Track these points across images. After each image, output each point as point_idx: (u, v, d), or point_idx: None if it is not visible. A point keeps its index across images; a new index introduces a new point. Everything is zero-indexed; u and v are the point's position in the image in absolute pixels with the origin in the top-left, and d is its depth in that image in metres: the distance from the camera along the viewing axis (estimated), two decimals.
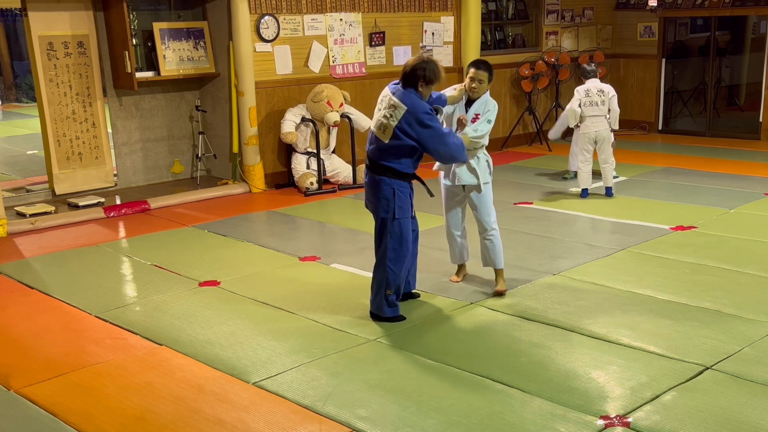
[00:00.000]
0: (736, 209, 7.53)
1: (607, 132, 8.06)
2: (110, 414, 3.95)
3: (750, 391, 3.96)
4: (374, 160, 4.88)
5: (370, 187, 4.95)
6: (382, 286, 4.95)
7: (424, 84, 4.79)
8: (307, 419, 3.83)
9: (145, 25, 8.96)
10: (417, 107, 4.73)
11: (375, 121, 4.87)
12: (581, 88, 8.06)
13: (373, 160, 4.89)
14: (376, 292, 5.00)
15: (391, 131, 4.74)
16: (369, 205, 5.04)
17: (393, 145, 4.77)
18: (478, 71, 5.21)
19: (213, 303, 5.46)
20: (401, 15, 10.13)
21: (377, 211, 4.94)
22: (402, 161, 4.83)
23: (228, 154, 9.31)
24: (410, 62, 4.80)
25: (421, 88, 4.80)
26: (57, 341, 4.90)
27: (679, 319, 4.90)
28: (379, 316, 5.01)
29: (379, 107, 4.87)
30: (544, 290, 5.49)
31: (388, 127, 4.75)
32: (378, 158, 4.85)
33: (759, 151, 10.67)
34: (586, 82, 8.12)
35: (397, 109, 4.72)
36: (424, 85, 4.80)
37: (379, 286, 4.96)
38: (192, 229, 7.49)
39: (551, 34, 12.02)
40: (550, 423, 3.71)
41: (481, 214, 5.43)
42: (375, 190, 4.90)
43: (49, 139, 8.41)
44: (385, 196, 4.85)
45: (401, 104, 4.72)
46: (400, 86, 4.83)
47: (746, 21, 13.12)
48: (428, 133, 4.75)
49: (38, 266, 6.45)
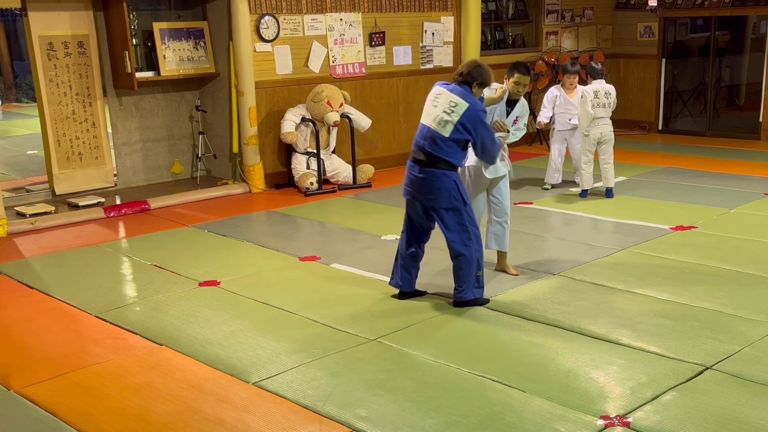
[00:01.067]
0: (736, 209, 7.53)
1: (612, 133, 8.05)
2: (110, 414, 3.95)
3: (750, 391, 3.96)
4: (431, 153, 5.08)
5: (423, 181, 5.11)
6: (473, 270, 5.18)
7: (477, 86, 5.15)
8: (307, 419, 3.83)
9: (145, 25, 8.96)
10: (477, 106, 5.09)
11: (433, 117, 5.08)
12: (589, 89, 7.90)
13: (429, 153, 5.08)
14: (465, 279, 5.19)
15: (452, 126, 5.01)
16: (419, 197, 5.18)
17: (453, 139, 5.04)
18: (523, 76, 5.70)
19: (213, 303, 5.46)
20: (401, 15, 10.13)
21: (435, 202, 5.11)
22: (457, 154, 5.13)
23: (228, 154, 9.31)
24: (467, 65, 5.19)
25: (474, 89, 5.14)
26: (57, 341, 4.90)
27: (679, 319, 4.90)
28: (471, 301, 5.23)
29: (434, 104, 5.11)
30: (544, 290, 5.49)
31: (449, 123, 5.02)
32: (436, 152, 5.06)
33: (759, 151, 10.67)
34: (592, 83, 7.96)
35: (459, 106, 5.01)
36: (477, 87, 5.16)
37: (468, 272, 5.17)
38: (192, 229, 7.49)
39: (551, 34, 12.02)
40: (550, 423, 3.71)
41: (505, 198, 5.82)
42: (433, 183, 5.08)
43: (49, 139, 8.41)
44: (447, 188, 5.08)
45: (463, 101, 5.02)
46: (453, 85, 5.12)
47: (746, 21, 13.12)
48: (484, 132, 5.10)
49: (38, 266, 6.45)
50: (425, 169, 5.09)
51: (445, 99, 5.06)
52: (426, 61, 10.48)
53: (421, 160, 5.11)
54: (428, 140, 5.07)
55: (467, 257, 5.15)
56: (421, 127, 5.15)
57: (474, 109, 5.03)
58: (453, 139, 5.02)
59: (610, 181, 8.15)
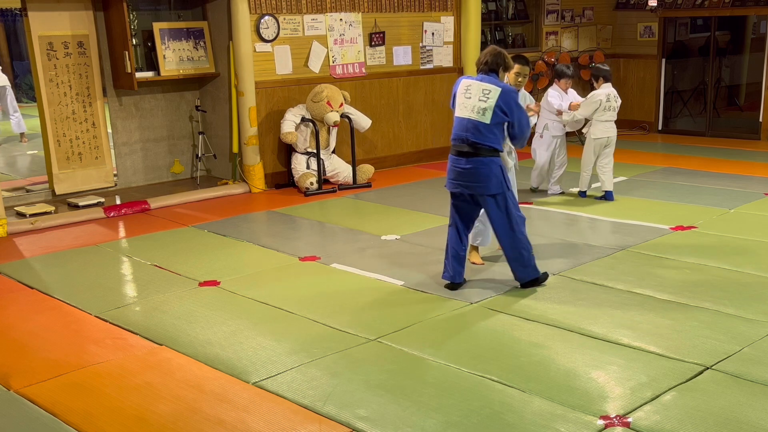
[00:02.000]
0: (736, 209, 7.53)
1: (616, 136, 8.01)
2: (110, 414, 3.95)
3: (750, 391, 3.96)
4: (476, 142, 5.28)
5: (472, 171, 5.31)
6: (525, 252, 5.45)
7: (502, 71, 5.43)
8: (307, 419, 3.83)
9: (145, 25, 8.96)
10: (509, 88, 5.37)
11: (470, 108, 5.28)
12: (601, 93, 7.79)
13: (474, 143, 5.28)
14: (526, 262, 5.47)
15: (491, 112, 5.24)
16: (468, 188, 5.36)
17: (495, 123, 5.26)
18: (524, 67, 5.98)
19: (213, 303, 5.46)
20: (401, 15, 10.13)
21: (486, 190, 5.33)
22: (500, 139, 5.35)
23: (228, 154, 9.31)
24: (489, 52, 5.38)
25: (500, 75, 5.41)
26: (57, 341, 4.90)
27: (679, 319, 4.90)
28: (534, 280, 5.51)
29: (466, 96, 5.31)
30: (544, 290, 5.49)
31: (488, 109, 5.24)
32: (481, 140, 5.27)
33: (759, 151, 10.67)
34: (604, 86, 7.84)
35: (492, 92, 5.24)
36: (502, 72, 5.44)
37: (522, 254, 5.45)
38: (192, 229, 7.49)
39: (551, 34, 12.03)
40: (550, 423, 3.71)
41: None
42: (482, 171, 5.30)
43: (49, 139, 8.41)
44: (496, 174, 5.31)
45: (495, 87, 5.26)
46: (481, 75, 5.35)
47: (746, 21, 13.12)
48: (519, 112, 5.34)
49: (38, 266, 6.45)
50: (472, 159, 5.29)
51: (476, 88, 5.27)
52: (426, 61, 10.48)
53: (466, 151, 5.31)
54: (471, 131, 5.28)
55: (518, 239, 5.41)
56: (459, 121, 5.34)
57: (507, 91, 5.28)
58: (495, 123, 5.24)
59: (609, 184, 8.04)
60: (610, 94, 7.84)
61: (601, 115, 7.83)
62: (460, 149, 5.34)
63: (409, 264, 6.14)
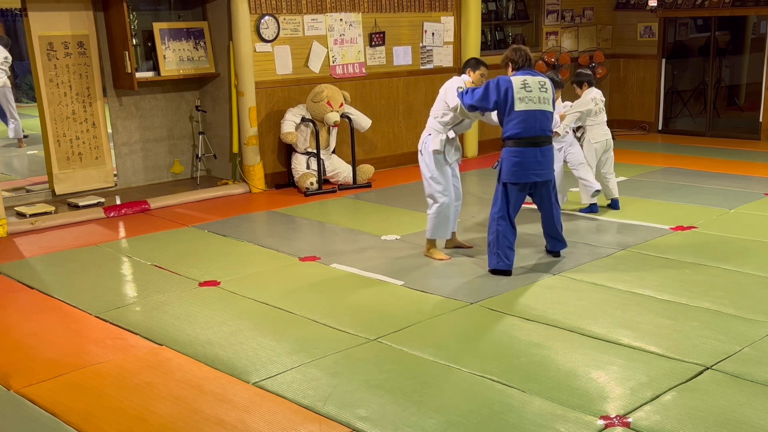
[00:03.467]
0: (736, 209, 7.53)
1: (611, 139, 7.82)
2: (110, 414, 3.95)
3: (750, 391, 3.96)
4: (549, 132, 5.75)
5: (549, 160, 5.77)
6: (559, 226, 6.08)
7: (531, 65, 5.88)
8: (307, 419, 3.83)
9: (145, 25, 8.96)
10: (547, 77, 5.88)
11: (536, 100, 5.63)
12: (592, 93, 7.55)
13: (545, 132, 5.71)
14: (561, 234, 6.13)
15: (551, 100, 5.74)
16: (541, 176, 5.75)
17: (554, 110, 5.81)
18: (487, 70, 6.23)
19: (213, 303, 5.46)
20: (401, 15, 10.13)
21: (552, 175, 5.86)
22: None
23: (228, 154, 9.31)
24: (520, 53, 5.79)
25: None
26: (57, 341, 4.90)
27: (679, 319, 4.90)
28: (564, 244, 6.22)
29: (527, 90, 5.62)
30: (544, 290, 5.49)
31: (548, 100, 5.71)
32: (550, 129, 5.77)
33: (759, 151, 10.67)
34: (589, 90, 7.57)
35: (546, 83, 5.72)
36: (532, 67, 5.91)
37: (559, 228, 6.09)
38: (192, 229, 7.49)
39: (551, 34, 12.03)
40: (550, 423, 3.70)
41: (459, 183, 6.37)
42: (551, 158, 5.81)
43: (49, 139, 8.41)
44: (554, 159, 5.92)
45: (545, 78, 5.78)
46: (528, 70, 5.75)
47: (746, 21, 13.11)
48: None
49: (38, 266, 6.45)
50: (546, 148, 5.71)
51: (533, 82, 5.65)
52: (426, 61, 10.48)
53: (541, 141, 5.67)
54: (545, 122, 5.69)
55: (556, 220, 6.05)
56: (528, 114, 5.61)
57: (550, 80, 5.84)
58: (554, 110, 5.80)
59: (615, 191, 7.75)
60: (595, 97, 7.55)
61: (595, 118, 7.58)
62: (535, 140, 5.64)
63: (409, 264, 6.14)
